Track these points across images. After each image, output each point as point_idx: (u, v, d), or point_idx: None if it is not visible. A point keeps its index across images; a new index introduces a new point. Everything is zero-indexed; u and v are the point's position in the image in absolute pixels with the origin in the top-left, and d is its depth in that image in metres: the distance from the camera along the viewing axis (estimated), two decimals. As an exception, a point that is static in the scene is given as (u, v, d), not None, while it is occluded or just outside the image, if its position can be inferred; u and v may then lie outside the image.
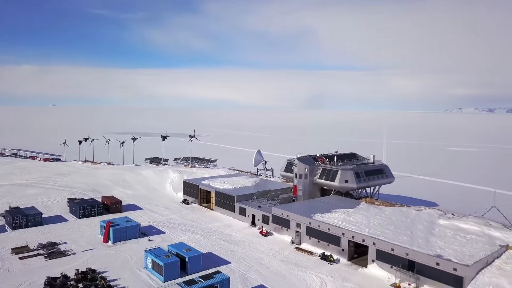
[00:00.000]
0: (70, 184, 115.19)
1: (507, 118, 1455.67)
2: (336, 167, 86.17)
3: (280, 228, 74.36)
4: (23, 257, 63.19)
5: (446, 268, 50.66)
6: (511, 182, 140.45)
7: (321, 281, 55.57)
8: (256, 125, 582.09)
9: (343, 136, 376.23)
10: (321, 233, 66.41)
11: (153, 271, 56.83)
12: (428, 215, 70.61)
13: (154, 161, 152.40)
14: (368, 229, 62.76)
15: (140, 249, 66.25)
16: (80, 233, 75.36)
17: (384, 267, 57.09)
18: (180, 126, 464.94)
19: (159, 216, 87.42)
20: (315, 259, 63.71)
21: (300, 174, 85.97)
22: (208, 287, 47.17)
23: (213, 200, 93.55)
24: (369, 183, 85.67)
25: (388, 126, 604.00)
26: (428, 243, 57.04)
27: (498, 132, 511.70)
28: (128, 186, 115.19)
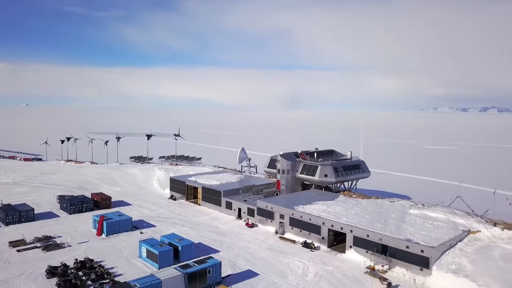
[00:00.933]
0: (57, 182, 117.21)
1: (480, 117, 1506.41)
2: (316, 162, 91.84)
3: (265, 219, 79.41)
4: (20, 249, 66.12)
5: (415, 250, 56.69)
6: (477, 176, 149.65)
7: (303, 265, 60.84)
8: (235, 125, 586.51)
9: (321, 135, 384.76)
10: (303, 223, 71.77)
11: (147, 259, 60.89)
12: (400, 205, 76.98)
13: (139, 160, 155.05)
14: (346, 219, 68.45)
15: (133, 241, 70.16)
16: (73, 227, 78.43)
17: (360, 252, 62.81)
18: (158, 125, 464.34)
19: (148, 211, 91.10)
20: (297, 247, 69.00)
21: (283, 169, 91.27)
22: (202, 270, 51.70)
23: (200, 195, 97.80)
24: (347, 177, 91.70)
25: (365, 125, 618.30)
26: (400, 229, 63.10)
27: (470, 131, 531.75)
28: (115, 183, 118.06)
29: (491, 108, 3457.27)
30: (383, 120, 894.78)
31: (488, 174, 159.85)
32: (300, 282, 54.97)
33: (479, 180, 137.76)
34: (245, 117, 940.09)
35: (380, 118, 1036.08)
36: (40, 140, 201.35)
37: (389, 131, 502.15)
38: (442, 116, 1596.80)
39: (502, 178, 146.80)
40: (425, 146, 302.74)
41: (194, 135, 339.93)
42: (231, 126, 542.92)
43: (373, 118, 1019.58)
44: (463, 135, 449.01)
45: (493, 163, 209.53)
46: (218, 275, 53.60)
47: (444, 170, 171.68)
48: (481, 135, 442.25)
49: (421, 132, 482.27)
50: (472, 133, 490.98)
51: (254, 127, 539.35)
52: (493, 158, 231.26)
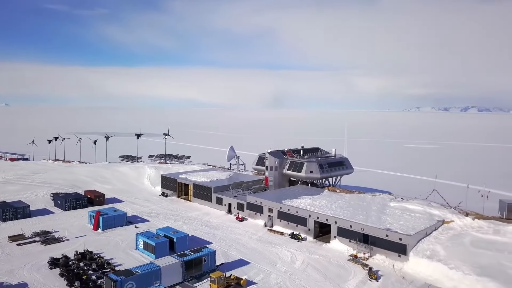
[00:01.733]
0: (49, 180, 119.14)
1: (461, 116, 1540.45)
2: (302, 159, 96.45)
3: (254, 213, 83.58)
4: (20, 243, 68.81)
5: (393, 238, 61.63)
6: (454, 172, 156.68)
7: (291, 254, 65.23)
8: (222, 125, 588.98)
9: (306, 134, 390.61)
10: (290, 216, 76.19)
11: (144, 251, 64.38)
12: (381, 199, 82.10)
13: (128, 159, 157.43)
14: (331, 211, 73.11)
15: (128, 235, 73.53)
16: (69, 223, 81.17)
17: (344, 242, 67.51)
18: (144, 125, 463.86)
19: (141, 207, 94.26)
20: (285, 238, 73.39)
21: (271, 166, 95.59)
22: (197, 258, 55.56)
23: (191, 192, 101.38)
24: (331, 173, 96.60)
25: (349, 125, 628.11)
26: (380, 220, 68.03)
27: (451, 130, 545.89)
28: (107, 181, 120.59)
29: (472, 108, 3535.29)
30: (367, 120, 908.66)
31: (464, 171, 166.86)
32: (288, 269, 59.30)
33: (455, 176, 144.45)
34: (232, 117, 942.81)
35: (364, 118, 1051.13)
36: (24, 140, 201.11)
37: (373, 130, 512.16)
38: (424, 115, 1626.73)
39: (477, 174, 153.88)
40: (407, 145, 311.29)
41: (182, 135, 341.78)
42: (218, 126, 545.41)
43: (358, 118, 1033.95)
44: (444, 134, 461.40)
45: (470, 160, 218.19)
46: (212, 263, 57.55)
47: (424, 167, 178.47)
48: (462, 134, 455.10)
49: (404, 132, 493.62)
50: (454, 131, 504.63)
51: (240, 127, 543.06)
52: (470, 156, 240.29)
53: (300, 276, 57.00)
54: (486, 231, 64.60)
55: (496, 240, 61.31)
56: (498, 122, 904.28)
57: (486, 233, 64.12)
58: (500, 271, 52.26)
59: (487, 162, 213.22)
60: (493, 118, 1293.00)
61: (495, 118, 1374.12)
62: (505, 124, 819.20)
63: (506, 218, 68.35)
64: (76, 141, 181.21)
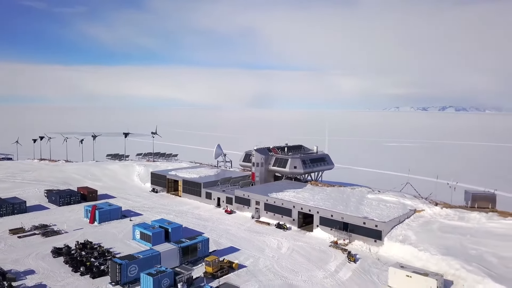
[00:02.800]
0: (40, 178, 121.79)
1: (438, 116, 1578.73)
2: (286, 156, 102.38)
3: (242, 206, 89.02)
4: (21, 236, 72.53)
5: (370, 226, 68.04)
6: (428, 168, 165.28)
7: (277, 242, 70.96)
8: (206, 124, 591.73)
9: (289, 133, 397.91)
10: (276, 208, 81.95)
11: (141, 240, 69.05)
12: (359, 191, 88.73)
13: (115, 157, 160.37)
14: (313, 203, 79.18)
15: (124, 227, 78.03)
16: (65, 217, 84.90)
17: (325, 230, 73.60)
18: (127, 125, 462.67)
19: (133, 203, 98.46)
20: (272, 228, 79.09)
21: (257, 162, 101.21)
22: (193, 245, 60.72)
23: (181, 187, 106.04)
24: (313, 169, 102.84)
25: (331, 124, 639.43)
26: (358, 210, 74.43)
27: (430, 129, 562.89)
28: (97, 179, 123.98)
29: (449, 108, 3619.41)
30: (348, 120, 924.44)
31: (437, 166, 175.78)
32: (275, 254, 65.00)
33: (428, 171, 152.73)
34: (215, 117, 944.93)
35: (345, 118, 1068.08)
36: (5, 140, 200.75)
37: (354, 129, 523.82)
38: (403, 115, 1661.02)
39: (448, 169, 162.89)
40: (386, 143, 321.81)
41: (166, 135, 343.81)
42: (202, 126, 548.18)
43: (339, 118, 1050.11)
44: (423, 132, 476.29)
45: (443, 157, 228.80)
46: (206, 249, 62.78)
47: (401, 164, 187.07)
48: (439, 133, 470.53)
49: (384, 131, 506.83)
50: (431, 130, 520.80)
51: (223, 126, 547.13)
52: (444, 153, 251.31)
53: (286, 260, 62.79)
54: (452, 218, 71.70)
55: (460, 226, 68.42)
56: (474, 122, 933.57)
57: (452, 219, 71.22)
58: (462, 251, 59.14)
59: (459, 159, 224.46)
60: (469, 118, 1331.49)
61: (471, 117, 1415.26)
62: (480, 123, 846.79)
63: (470, 206, 75.66)
64: (63, 141, 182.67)
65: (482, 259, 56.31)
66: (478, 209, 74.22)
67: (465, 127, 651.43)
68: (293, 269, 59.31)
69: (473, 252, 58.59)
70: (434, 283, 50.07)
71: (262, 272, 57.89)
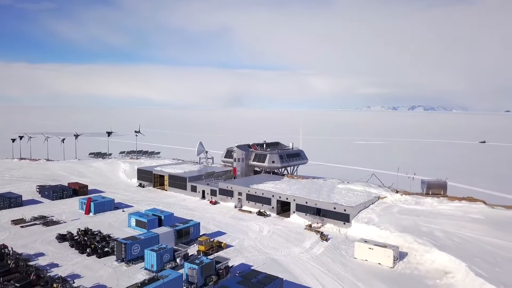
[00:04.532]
0: (28, 176, 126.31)
1: (408, 115, 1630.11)
2: (265, 152, 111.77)
3: (226, 197, 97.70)
4: (23, 226, 78.67)
5: (340, 210, 78.17)
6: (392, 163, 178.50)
7: (259, 226, 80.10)
8: (179, 124, 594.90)
9: (265, 132, 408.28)
10: (257, 197, 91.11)
11: (137, 227, 76.55)
12: (330, 182, 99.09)
13: (98, 156, 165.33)
14: (290, 192, 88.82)
15: (118, 217, 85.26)
16: (60, 210, 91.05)
17: (301, 215, 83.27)
18: (95, 125, 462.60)
19: (122, 196, 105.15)
20: (253, 215, 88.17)
21: (238, 158, 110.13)
22: (186, 228, 69.01)
23: (167, 182, 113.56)
24: (289, 163, 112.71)
25: (304, 123, 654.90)
26: (329, 197, 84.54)
27: (399, 128, 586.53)
28: (84, 175, 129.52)
29: (418, 107, 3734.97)
30: (320, 119, 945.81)
31: (401, 161, 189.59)
32: (258, 236, 74.10)
33: (392, 165, 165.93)
34: (189, 117, 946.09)
35: (318, 117, 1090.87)
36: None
37: (326, 128, 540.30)
38: (374, 114, 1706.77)
39: (409, 164, 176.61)
40: (356, 142, 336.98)
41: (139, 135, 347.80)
42: (176, 126, 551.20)
43: (312, 117, 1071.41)
44: (392, 131, 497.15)
45: (407, 153, 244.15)
46: (197, 232, 71.17)
47: (369, 160, 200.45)
48: (406, 132, 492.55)
49: (355, 129, 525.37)
50: (400, 129, 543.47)
51: (198, 126, 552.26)
52: (409, 150, 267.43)
53: (267, 240, 72.01)
54: (410, 203, 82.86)
55: (416, 209, 79.56)
56: (441, 120, 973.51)
57: (409, 204, 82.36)
58: (416, 229, 69.92)
59: (420, 154, 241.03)
60: (436, 117, 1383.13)
61: (438, 116, 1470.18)
62: (446, 122, 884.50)
63: (426, 193, 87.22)
64: (44, 140, 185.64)
65: (431, 234, 67.21)
66: (432, 195, 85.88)
67: (432, 125, 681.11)
68: (274, 247, 68.56)
69: (425, 229, 69.50)
70: (391, 252, 60.42)
71: (248, 250, 66.86)
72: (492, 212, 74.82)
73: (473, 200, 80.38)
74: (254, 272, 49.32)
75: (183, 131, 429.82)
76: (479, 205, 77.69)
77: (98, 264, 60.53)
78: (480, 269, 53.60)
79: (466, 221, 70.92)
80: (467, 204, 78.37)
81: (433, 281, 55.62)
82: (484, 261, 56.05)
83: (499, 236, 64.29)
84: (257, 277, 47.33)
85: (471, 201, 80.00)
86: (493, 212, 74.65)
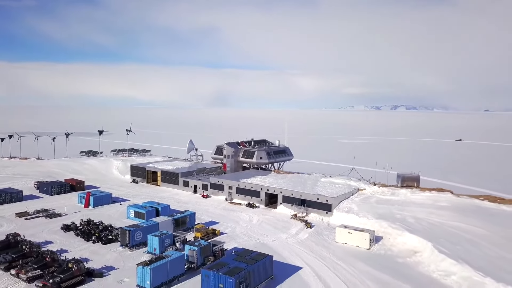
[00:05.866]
0: (23, 173, 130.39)
1: (390, 114, 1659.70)
2: (253, 148, 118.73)
3: (217, 191, 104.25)
4: (27, 218, 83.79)
5: (322, 201, 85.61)
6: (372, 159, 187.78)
7: (249, 216, 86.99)
8: (167, 124, 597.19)
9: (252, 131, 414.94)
10: (246, 190, 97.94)
11: (135, 218, 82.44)
12: (314, 176, 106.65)
13: (89, 154, 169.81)
14: (277, 185, 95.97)
15: (117, 210, 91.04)
16: (60, 204, 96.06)
17: (287, 206, 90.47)
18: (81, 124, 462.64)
19: (117, 191, 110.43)
20: (243, 207, 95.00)
21: (228, 154, 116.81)
22: (183, 218, 75.48)
23: (160, 178, 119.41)
24: (276, 159, 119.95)
25: (290, 122, 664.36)
26: (313, 189, 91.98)
27: (381, 126, 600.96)
28: (78, 172, 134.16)
29: (401, 106, 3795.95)
30: (305, 118, 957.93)
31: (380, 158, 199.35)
32: (248, 225, 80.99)
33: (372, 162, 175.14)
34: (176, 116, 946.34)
35: (303, 116, 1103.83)
36: None
37: (311, 127, 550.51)
38: (358, 113, 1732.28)
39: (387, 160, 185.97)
40: (340, 140, 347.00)
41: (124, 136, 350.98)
42: (163, 125, 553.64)
43: (297, 116, 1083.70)
44: (375, 130, 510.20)
45: (386, 151, 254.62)
46: (193, 221, 77.69)
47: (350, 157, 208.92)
48: (388, 130, 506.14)
49: (339, 128, 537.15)
50: (383, 128, 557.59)
51: (184, 125, 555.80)
52: (388, 148, 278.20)
53: (257, 228, 78.98)
54: (386, 194, 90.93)
55: (391, 199, 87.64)
56: (422, 119, 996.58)
57: (386, 195, 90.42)
58: (390, 216, 77.80)
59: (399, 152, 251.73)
60: (418, 116, 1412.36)
61: (420, 115, 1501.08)
62: (427, 121, 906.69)
63: (400, 185, 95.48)
64: (34, 139, 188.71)
65: (404, 220, 75.18)
66: (406, 187, 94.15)
67: (413, 124, 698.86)
68: (263, 233, 75.54)
69: (398, 216, 77.46)
70: (368, 236, 68.05)
71: (239, 236, 73.70)
72: (457, 200, 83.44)
73: (441, 191, 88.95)
74: (248, 251, 56.15)
75: (170, 131, 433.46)
76: (447, 194, 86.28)
77: (104, 250, 66.51)
78: (443, 248, 61.63)
79: (434, 209, 79.23)
80: (436, 194, 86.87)
81: (403, 259, 63.41)
82: (447, 241, 64.14)
83: (462, 220, 72.68)
84: (250, 254, 54.17)
85: (440, 191, 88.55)
86: (459, 201, 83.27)
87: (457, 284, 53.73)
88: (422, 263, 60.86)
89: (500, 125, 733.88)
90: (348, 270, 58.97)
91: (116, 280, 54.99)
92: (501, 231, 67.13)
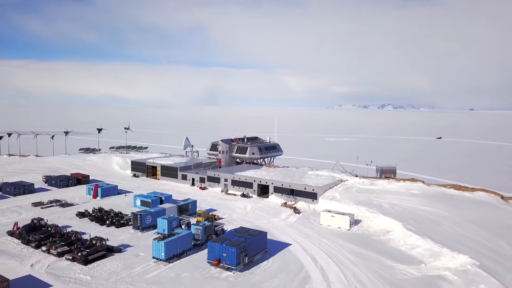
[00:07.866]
0: (29, 168, 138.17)
1: (378, 113, 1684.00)
2: (246, 145, 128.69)
3: (213, 184, 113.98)
4: (43, 207, 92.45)
5: (309, 190, 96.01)
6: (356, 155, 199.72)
7: (244, 205, 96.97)
8: (156, 123, 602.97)
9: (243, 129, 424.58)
10: (240, 182, 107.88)
11: (142, 206, 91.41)
12: (302, 170, 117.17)
13: (88, 151, 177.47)
14: (269, 177, 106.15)
15: (123, 200, 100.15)
16: (70, 195, 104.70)
17: (278, 195, 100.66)
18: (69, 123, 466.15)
19: (120, 184, 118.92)
20: (238, 197, 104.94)
21: (222, 150, 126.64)
22: (185, 205, 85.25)
23: (159, 172, 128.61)
24: (267, 155, 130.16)
25: (279, 121, 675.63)
26: (301, 180, 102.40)
27: (369, 125, 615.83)
28: (81, 168, 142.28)
29: (388, 105, 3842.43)
30: (294, 117, 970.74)
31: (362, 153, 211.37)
32: (243, 211, 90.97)
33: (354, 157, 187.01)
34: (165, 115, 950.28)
35: (292, 115, 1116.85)
36: None
37: (299, 126, 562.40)
38: (345, 112, 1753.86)
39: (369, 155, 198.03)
40: (328, 138, 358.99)
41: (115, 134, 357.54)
42: (153, 124, 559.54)
43: (286, 115, 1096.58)
44: (362, 128, 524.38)
45: (370, 148, 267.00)
46: (195, 208, 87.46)
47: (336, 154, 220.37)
48: (375, 129, 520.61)
49: (326, 127, 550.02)
50: (370, 126, 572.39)
51: (173, 125, 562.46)
52: (372, 146, 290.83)
53: (251, 214, 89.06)
54: (366, 184, 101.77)
55: (370, 188, 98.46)
56: (407, 118, 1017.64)
57: (365, 185, 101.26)
58: (369, 202, 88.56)
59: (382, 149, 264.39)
60: (404, 115, 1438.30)
61: (406, 114, 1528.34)
62: (412, 120, 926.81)
63: (379, 177, 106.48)
64: (33, 137, 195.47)
65: (380, 206, 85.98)
66: (384, 178, 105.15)
67: (398, 123, 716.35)
68: (257, 218, 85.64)
69: (375, 202, 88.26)
70: (348, 218, 78.55)
71: (236, 221, 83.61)
72: (428, 189, 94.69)
73: (414, 181, 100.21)
74: (245, 228, 66.20)
75: (161, 130, 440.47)
76: (419, 184, 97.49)
77: (118, 232, 75.82)
78: (411, 226, 72.55)
79: (407, 196, 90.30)
80: (410, 183, 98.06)
81: (378, 237, 74.05)
82: (415, 221, 75.11)
83: (429, 205, 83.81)
84: (248, 231, 64.21)
85: (413, 181, 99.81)
86: (429, 189, 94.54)
87: (420, 254, 64.49)
88: (393, 240, 71.58)
89: (483, 123, 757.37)
90: (330, 246, 69.37)
91: (133, 254, 64.54)
92: (460, 212, 78.42)
